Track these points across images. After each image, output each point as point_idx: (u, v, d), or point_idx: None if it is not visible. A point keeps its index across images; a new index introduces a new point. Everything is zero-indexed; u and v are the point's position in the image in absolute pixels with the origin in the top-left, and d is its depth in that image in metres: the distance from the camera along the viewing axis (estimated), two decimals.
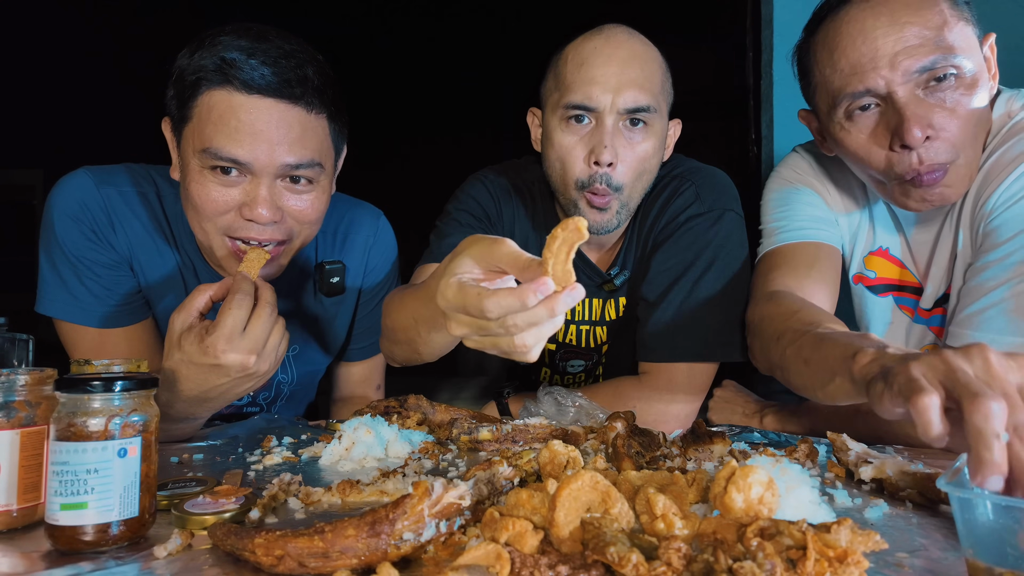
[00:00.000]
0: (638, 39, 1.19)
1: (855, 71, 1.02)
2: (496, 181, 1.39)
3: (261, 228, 1.06)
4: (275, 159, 1.03)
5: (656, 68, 1.18)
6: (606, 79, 1.13)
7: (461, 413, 1.07)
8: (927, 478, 0.72)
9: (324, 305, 1.36)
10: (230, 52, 1.00)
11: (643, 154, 1.17)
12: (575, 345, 1.42)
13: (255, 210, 1.04)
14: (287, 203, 1.08)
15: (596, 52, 1.14)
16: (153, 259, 1.21)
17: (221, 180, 1.04)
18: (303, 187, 1.09)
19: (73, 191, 1.16)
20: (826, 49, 1.07)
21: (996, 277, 1.00)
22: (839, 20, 1.05)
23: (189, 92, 1.03)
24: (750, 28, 2.10)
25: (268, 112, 1.01)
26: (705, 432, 0.93)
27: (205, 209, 1.05)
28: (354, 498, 0.75)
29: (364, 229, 1.39)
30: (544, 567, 0.50)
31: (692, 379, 1.19)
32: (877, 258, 1.25)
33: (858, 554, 0.48)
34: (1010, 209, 1.00)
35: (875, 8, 1.01)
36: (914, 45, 0.98)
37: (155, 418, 0.67)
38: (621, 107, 1.13)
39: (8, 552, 0.63)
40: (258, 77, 1.00)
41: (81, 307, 1.17)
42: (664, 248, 1.25)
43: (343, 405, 1.48)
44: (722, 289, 1.22)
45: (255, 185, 1.04)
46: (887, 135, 1.03)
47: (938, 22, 0.99)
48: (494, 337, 0.65)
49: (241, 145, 1.01)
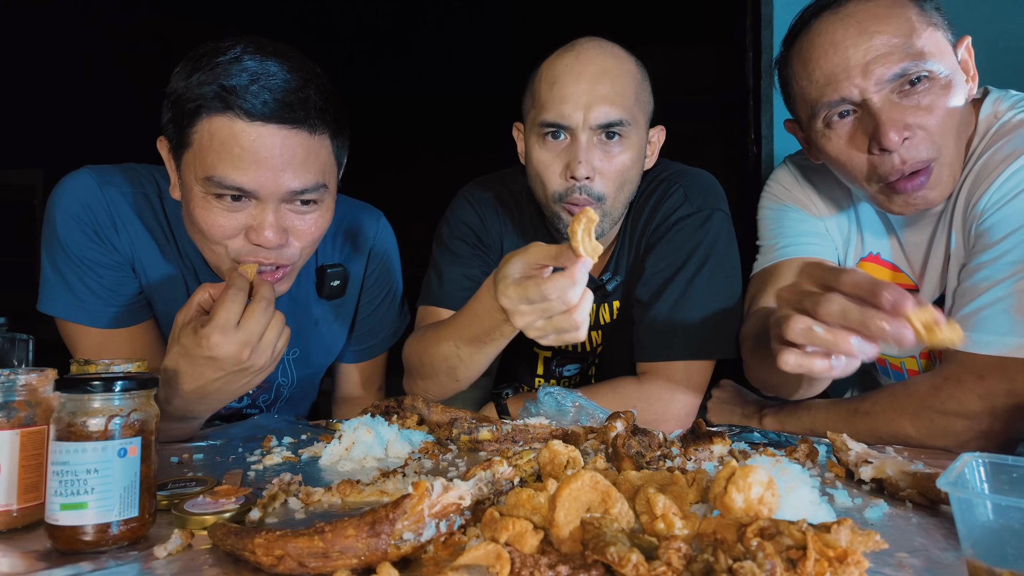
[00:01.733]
0: (609, 53, 1.19)
1: (829, 81, 1.04)
2: (481, 197, 1.41)
3: (267, 252, 1.06)
4: (280, 185, 1.01)
5: (628, 81, 1.19)
6: (576, 97, 1.15)
7: (459, 414, 1.07)
8: (927, 478, 0.72)
9: (324, 308, 1.36)
10: (230, 79, 0.97)
11: (621, 165, 1.19)
12: (570, 351, 1.43)
13: (262, 235, 1.03)
14: (293, 224, 1.06)
15: (567, 70, 1.17)
16: (154, 260, 1.21)
17: (227, 206, 1.02)
18: (308, 208, 1.08)
19: (76, 191, 1.15)
20: (801, 61, 1.09)
21: (991, 277, 1.01)
22: (811, 33, 1.07)
23: (188, 118, 1.00)
24: (750, 28, 2.10)
25: (271, 138, 0.99)
26: (705, 432, 0.93)
27: (212, 235, 1.04)
28: (354, 498, 0.75)
29: (365, 230, 1.39)
30: (544, 567, 0.50)
31: (690, 377, 1.20)
32: (869, 264, 1.26)
33: (858, 554, 0.48)
34: (1002, 209, 1.01)
35: (844, 20, 1.04)
36: (884, 53, 1.00)
37: (155, 418, 0.67)
38: (593, 123, 1.15)
39: (8, 552, 0.63)
40: (260, 104, 0.98)
41: (83, 307, 1.17)
42: (656, 249, 1.28)
43: (344, 406, 1.48)
44: (715, 286, 1.24)
45: (261, 210, 1.03)
46: (866, 140, 1.05)
47: (906, 29, 1.01)
48: (555, 319, 0.86)
49: (245, 173, 0.99)
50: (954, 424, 1.00)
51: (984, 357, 0.99)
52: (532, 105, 1.23)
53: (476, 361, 1.10)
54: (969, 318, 1.02)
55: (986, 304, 1.00)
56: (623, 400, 1.19)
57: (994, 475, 0.60)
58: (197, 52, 1.02)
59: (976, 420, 0.99)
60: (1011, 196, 1.00)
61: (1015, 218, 0.99)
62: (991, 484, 0.60)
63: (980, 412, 0.99)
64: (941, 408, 1.01)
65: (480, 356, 1.08)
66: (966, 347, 1.01)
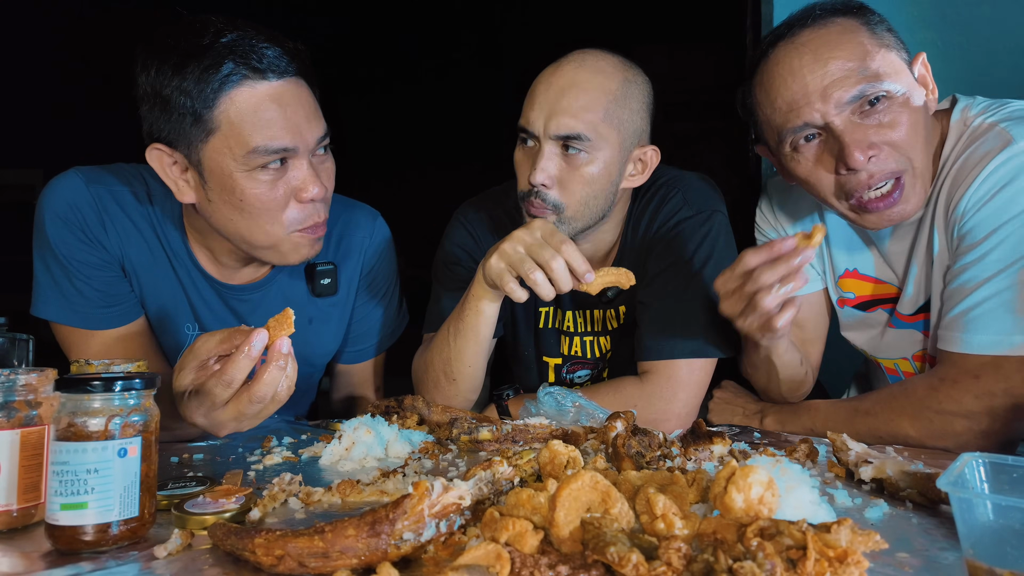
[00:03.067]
0: (589, 67, 1.19)
1: (791, 108, 1.07)
2: (475, 218, 1.44)
3: (318, 207, 1.10)
4: (311, 135, 1.07)
5: (598, 96, 1.17)
6: (540, 106, 1.18)
7: (459, 414, 1.08)
8: (927, 478, 0.72)
9: (318, 307, 1.36)
10: (230, 52, 0.99)
11: (584, 178, 1.19)
12: (581, 357, 1.44)
13: (310, 190, 1.07)
14: (322, 172, 1.11)
15: (542, 80, 1.21)
16: (144, 258, 1.21)
17: (271, 175, 1.05)
18: (325, 156, 1.14)
19: (63, 192, 1.15)
20: (763, 90, 1.12)
21: (977, 277, 1.02)
22: (770, 62, 1.10)
23: (203, 106, 1.00)
24: (750, 28, 2.10)
25: (289, 93, 1.04)
26: (705, 432, 0.93)
27: (267, 210, 1.06)
28: (354, 498, 0.75)
29: (361, 230, 1.38)
30: (544, 567, 0.50)
31: (691, 376, 1.20)
32: (848, 279, 1.29)
33: (858, 554, 0.48)
34: (981, 210, 1.02)
35: (799, 48, 1.06)
36: (840, 78, 1.03)
37: (155, 418, 0.67)
38: (552, 133, 1.17)
39: (8, 552, 0.63)
40: (267, 63, 1.02)
41: (74, 308, 1.16)
42: (658, 251, 1.29)
43: (343, 406, 1.48)
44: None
45: (299, 167, 1.07)
46: (832, 160, 1.07)
47: (859, 53, 1.03)
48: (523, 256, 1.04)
49: (285, 131, 1.03)
50: (953, 424, 1.01)
51: (979, 357, 1.00)
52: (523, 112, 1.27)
53: (465, 351, 1.19)
54: (959, 319, 1.03)
55: (975, 304, 1.01)
56: (623, 400, 1.20)
57: (994, 475, 0.60)
58: (164, 48, 1.01)
59: (974, 420, 0.99)
60: (989, 196, 1.01)
61: (995, 217, 1.01)
62: (991, 484, 0.60)
63: (978, 412, 0.99)
64: (939, 408, 1.02)
65: (468, 343, 1.18)
66: (960, 348, 1.02)
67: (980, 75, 1.10)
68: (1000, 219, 1.00)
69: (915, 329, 1.20)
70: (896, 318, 1.22)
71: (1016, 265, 0.99)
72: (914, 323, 1.20)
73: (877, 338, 1.27)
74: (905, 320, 1.20)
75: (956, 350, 1.03)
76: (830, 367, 1.39)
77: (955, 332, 1.03)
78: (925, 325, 1.18)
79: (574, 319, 1.41)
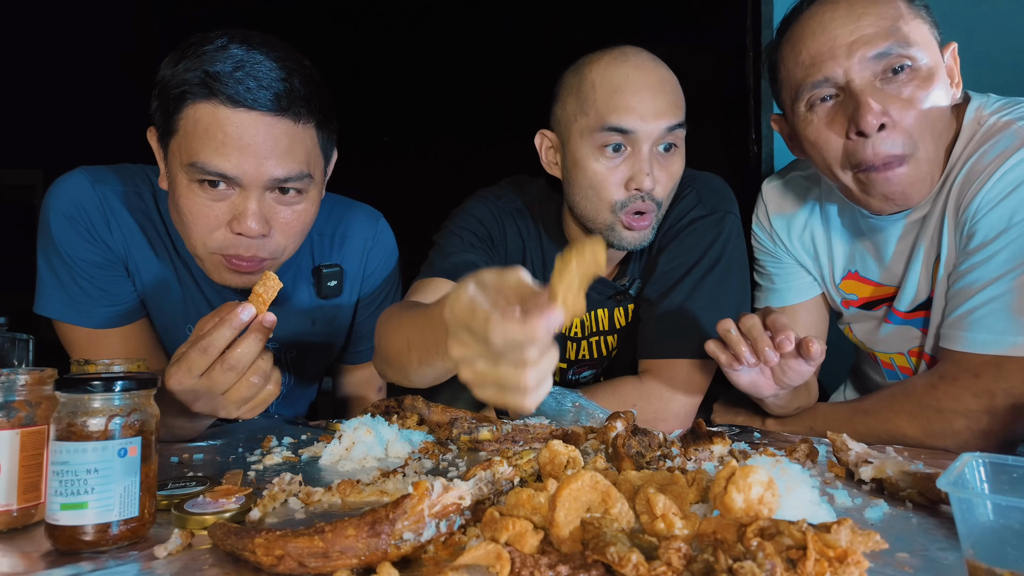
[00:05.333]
0: (659, 63, 1.21)
1: (814, 62, 1.06)
2: (498, 203, 1.36)
3: (249, 243, 1.05)
4: (263, 173, 1.01)
5: (678, 87, 1.20)
6: (643, 106, 1.14)
7: (459, 414, 1.08)
8: (927, 478, 0.72)
9: (322, 308, 1.36)
10: (214, 65, 0.98)
11: (676, 173, 1.21)
12: (587, 359, 1.43)
13: (244, 224, 1.02)
14: (276, 215, 1.06)
15: (628, 79, 1.15)
16: (147, 259, 1.21)
17: (209, 194, 1.02)
18: (292, 198, 1.07)
19: (68, 191, 1.16)
20: (790, 44, 1.12)
21: (984, 277, 1.01)
22: (802, 18, 1.11)
23: (174, 105, 1.01)
24: (750, 28, 2.10)
25: (255, 126, 0.99)
26: (705, 432, 0.93)
27: (196, 223, 1.04)
28: (354, 498, 0.75)
29: (363, 232, 1.39)
30: (544, 567, 0.50)
31: (691, 376, 1.20)
32: (850, 281, 1.29)
33: (858, 554, 0.48)
34: (993, 210, 1.01)
35: (834, 3, 1.07)
36: (870, 34, 1.02)
37: (155, 418, 0.67)
38: (660, 131, 1.15)
39: (8, 552, 0.63)
40: (243, 91, 0.98)
41: (78, 307, 1.17)
42: (669, 249, 1.28)
43: (343, 406, 1.48)
44: (725, 287, 1.24)
45: (244, 199, 1.03)
46: (844, 123, 1.06)
47: (894, 14, 1.03)
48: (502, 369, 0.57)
49: (228, 159, 0.99)
50: (952, 423, 1.01)
51: (980, 356, 1.00)
52: (582, 112, 1.18)
53: (424, 373, 0.89)
54: (963, 318, 1.02)
55: (980, 304, 1.01)
56: (623, 399, 1.19)
57: (994, 475, 0.60)
58: (186, 42, 1.03)
59: (974, 419, 0.99)
60: (1002, 197, 1.00)
61: (1006, 218, 1.00)
62: (991, 484, 0.60)
63: (977, 411, 0.99)
64: (938, 407, 1.02)
65: (429, 371, 0.87)
66: (962, 346, 1.02)
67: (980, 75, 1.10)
68: (1010, 220, 1.00)
69: (912, 326, 1.19)
70: (893, 314, 1.21)
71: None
72: (911, 320, 1.19)
73: (873, 332, 1.27)
74: (902, 316, 1.20)
75: (958, 348, 1.02)
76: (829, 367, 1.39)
77: (958, 331, 1.03)
78: (924, 323, 1.17)
79: (581, 323, 1.40)
